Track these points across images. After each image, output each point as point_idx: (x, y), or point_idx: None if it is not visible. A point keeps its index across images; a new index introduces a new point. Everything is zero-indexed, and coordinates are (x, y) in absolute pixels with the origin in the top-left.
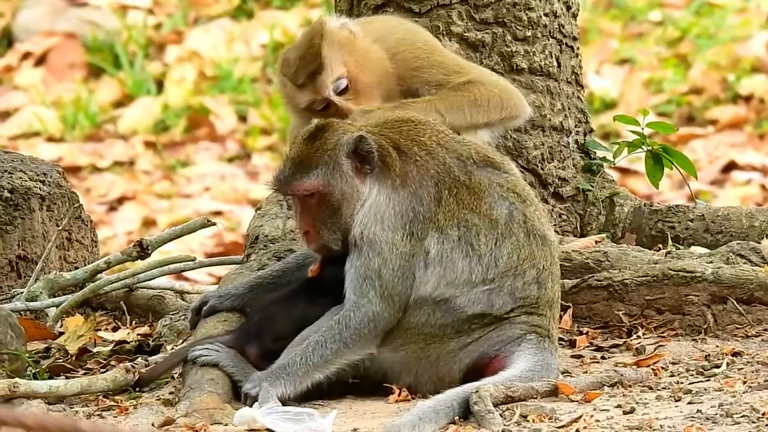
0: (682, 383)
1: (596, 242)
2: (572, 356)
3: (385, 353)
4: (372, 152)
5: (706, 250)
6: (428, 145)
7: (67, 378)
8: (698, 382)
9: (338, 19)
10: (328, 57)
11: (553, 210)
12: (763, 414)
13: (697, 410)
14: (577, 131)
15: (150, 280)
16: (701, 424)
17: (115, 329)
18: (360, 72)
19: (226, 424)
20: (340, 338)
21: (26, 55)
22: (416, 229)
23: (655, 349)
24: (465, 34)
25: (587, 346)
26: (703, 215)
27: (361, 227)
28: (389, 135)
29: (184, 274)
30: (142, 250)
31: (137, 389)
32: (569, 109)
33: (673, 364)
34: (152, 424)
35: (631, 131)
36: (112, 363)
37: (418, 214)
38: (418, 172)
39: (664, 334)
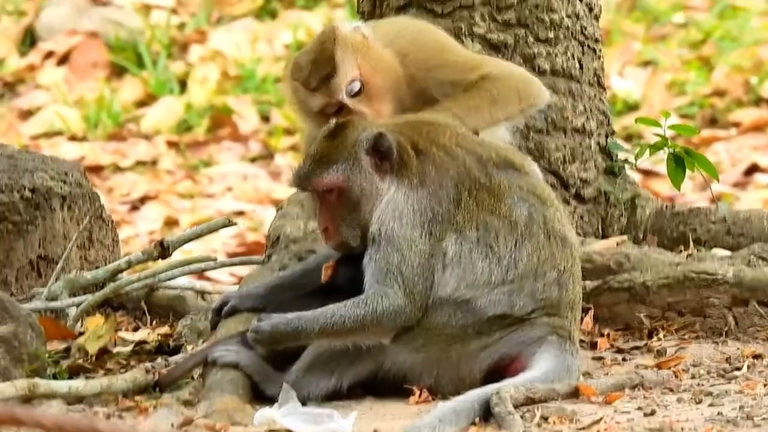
0: (702, 385)
1: (618, 244)
2: (593, 358)
3: (405, 354)
4: (391, 149)
5: (728, 253)
6: (448, 146)
7: (87, 378)
8: (719, 384)
9: (350, 22)
10: (341, 60)
11: (574, 212)
12: None
13: (718, 412)
14: (599, 133)
15: (171, 279)
16: (722, 427)
17: (135, 329)
18: (373, 75)
19: (245, 425)
20: (362, 320)
21: (49, 54)
22: (435, 230)
23: (676, 352)
24: (487, 36)
25: (608, 348)
26: (724, 218)
27: (378, 223)
28: (408, 134)
29: (206, 274)
30: (163, 249)
31: (157, 390)
32: (591, 110)
33: (694, 366)
34: (172, 425)
35: (654, 133)
36: (132, 363)
37: (437, 215)
38: (437, 173)
39: (685, 337)
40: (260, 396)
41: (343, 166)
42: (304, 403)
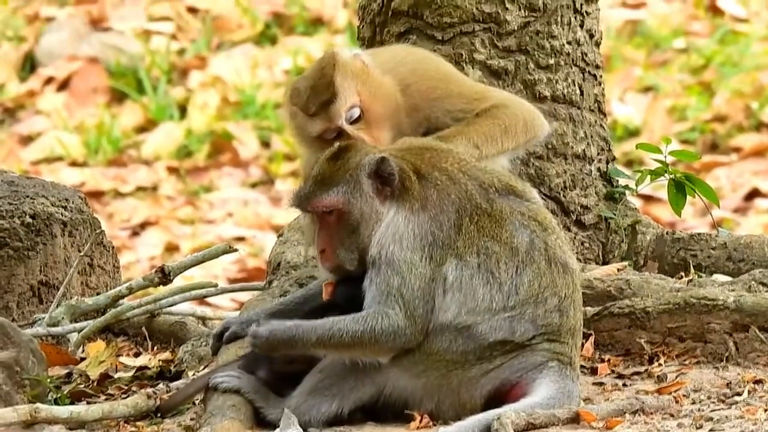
0: (703, 411)
1: (618, 270)
2: (594, 383)
3: (406, 379)
4: (393, 174)
5: (728, 278)
6: (450, 171)
7: (88, 403)
8: (720, 409)
9: (350, 49)
10: (340, 86)
11: (575, 238)
12: None
13: None
14: (600, 159)
15: (172, 305)
16: None
17: (136, 355)
18: (372, 102)
19: None
20: (360, 337)
21: (49, 80)
22: (435, 254)
23: (676, 377)
24: (488, 62)
25: (609, 374)
26: (725, 243)
27: (378, 247)
28: (410, 160)
29: (207, 299)
30: (164, 275)
31: (159, 415)
32: (592, 137)
33: (695, 391)
34: None
35: (654, 159)
36: (134, 389)
37: (438, 239)
38: (438, 197)
39: (686, 362)
40: (262, 421)
41: (344, 188)
42: (305, 429)
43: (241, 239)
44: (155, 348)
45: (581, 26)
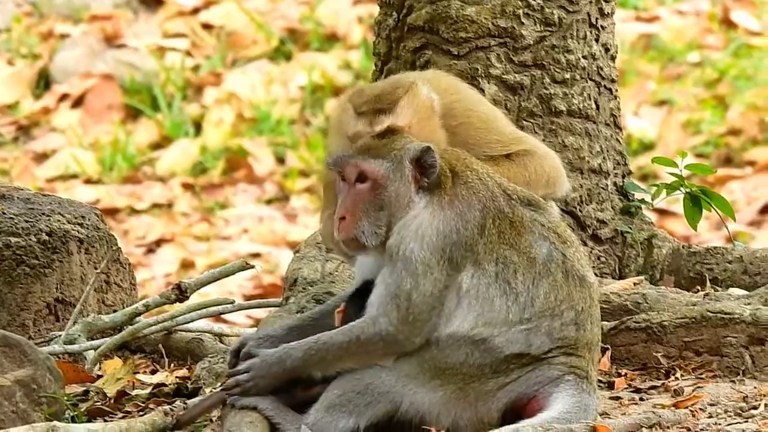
0: (720, 425)
1: (635, 284)
2: (610, 398)
3: (422, 394)
4: (435, 165)
5: (745, 292)
6: (480, 173)
7: (105, 421)
8: (736, 423)
9: (428, 88)
10: (402, 108)
11: (591, 252)
12: None
13: None
14: (616, 173)
15: (189, 322)
16: None
17: (153, 372)
18: (418, 138)
19: None
20: (347, 347)
21: (64, 97)
22: (455, 255)
23: (693, 391)
24: (504, 77)
25: (626, 388)
26: (741, 257)
27: (399, 238)
28: (447, 158)
29: (223, 316)
30: (181, 292)
31: (175, 430)
32: (608, 151)
33: (711, 405)
34: None
35: (670, 173)
36: (151, 406)
37: (461, 237)
38: (467, 194)
39: (703, 376)
40: None
41: (388, 164)
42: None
43: (256, 255)
44: (172, 365)
45: (597, 40)
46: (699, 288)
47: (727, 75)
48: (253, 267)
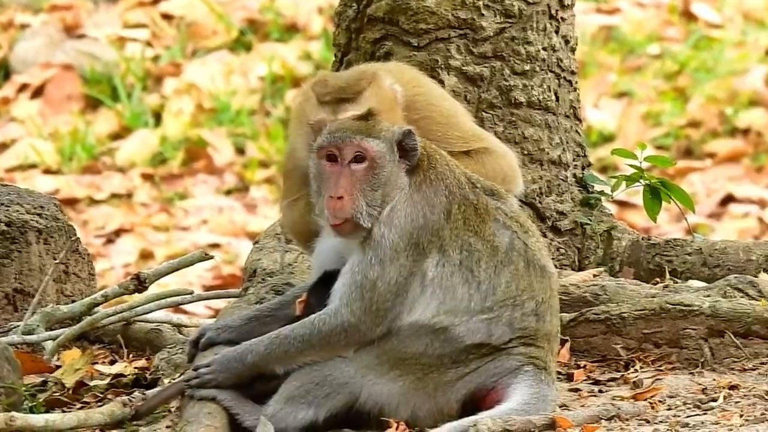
0: (679, 417)
1: (594, 276)
2: (570, 390)
3: (381, 385)
4: (416, 149)
5: (704, 284)
6: (448, 161)
7: (63, 412)
8: (695, 415)
9: (391, 80)
10: (365, 99)
11: (551, 244)
12: None
13: None
14: (575, 165)
15: (147, 313)
16: None
17: (112, 363)
18: None
19: None
20: (308, 340)
21: (23, 87)
22: (422, 240)
23: (652, 383)
24: (463, 68)
25: (585, 380)
26: (700, 249)
27: (378, 223)
28: (421, 143)
29: (182, 307)
30: (140, 283)
31: (134, 422)
32: (567, 142)
33: (671, 397)
34: None
35: (629, 165)
36: (109, 397)
37: (428, 222)
38: (436, 179)
39: (662, 368)
40: (238, 429)
41: (383, 144)
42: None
43: (215, 246)
44: (131, 356)
45: (556, 32)
46: (658, 280)
47: (687, 67)
48: (212, 257)
